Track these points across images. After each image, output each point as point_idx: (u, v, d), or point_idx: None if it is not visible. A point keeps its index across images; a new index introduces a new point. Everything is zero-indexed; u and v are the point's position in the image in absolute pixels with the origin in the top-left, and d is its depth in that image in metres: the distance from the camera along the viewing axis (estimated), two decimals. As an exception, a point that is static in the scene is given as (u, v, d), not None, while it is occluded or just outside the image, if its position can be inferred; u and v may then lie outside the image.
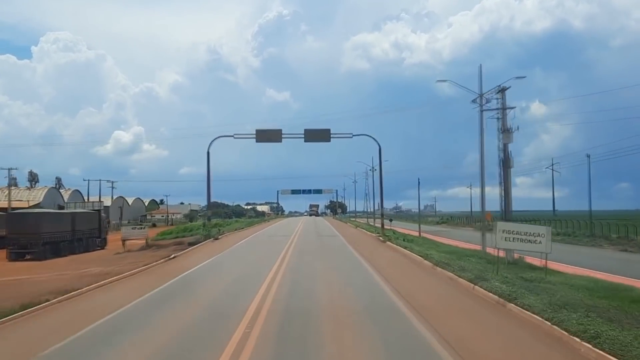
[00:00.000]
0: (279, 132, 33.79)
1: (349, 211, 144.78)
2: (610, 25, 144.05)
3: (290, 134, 34.72)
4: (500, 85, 22.49)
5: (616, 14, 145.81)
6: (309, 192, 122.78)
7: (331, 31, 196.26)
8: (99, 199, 79.06)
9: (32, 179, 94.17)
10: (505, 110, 22.30)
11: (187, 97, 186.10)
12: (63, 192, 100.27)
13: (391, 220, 69.16)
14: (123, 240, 30.80)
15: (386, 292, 13.16)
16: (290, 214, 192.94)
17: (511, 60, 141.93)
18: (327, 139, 34.14)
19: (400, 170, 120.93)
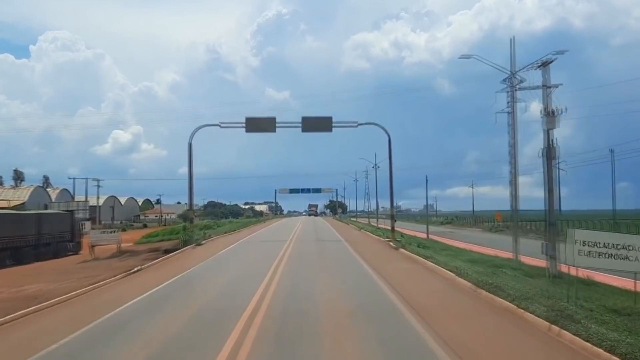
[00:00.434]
0: (272, 121, 29.15)
1: (349, 211, 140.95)
2: (610, 24, 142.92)
3: (285, 123, 30.07)
4: (542, 59, 18.29)
5: (616, 13, 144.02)
6: (307, 191, 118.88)
7: (331, 30, 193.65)
8: (85, 198, 74.89)
9: (18, 177, 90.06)
10: (548, 89, 18.11)
11: (186, 97, 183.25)
12: (51, 191, 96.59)
13: (395, 220, 65.26)
14: (91, 246, 26.62)
15: (427, 342, 8.13)
16: (289, 213, 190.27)
17: (510, 59, 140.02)
18: (329, 128, 29.37)
19: (399, 169, 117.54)
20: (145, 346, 8.29)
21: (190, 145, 28.29)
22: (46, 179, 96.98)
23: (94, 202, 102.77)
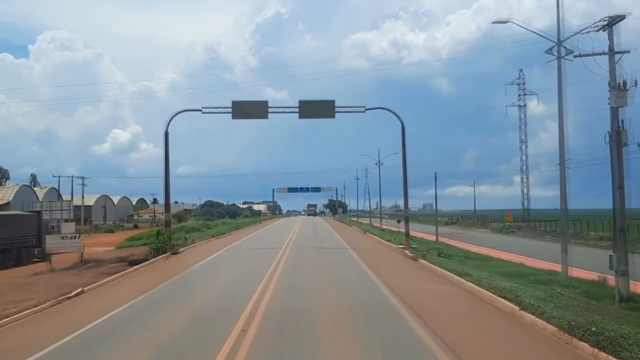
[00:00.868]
0: (263, 105, 24.69)
1: (349, 210, 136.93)
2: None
3: (279, 107, 25.57)
4: (607, 18, 14.10)
5: (615, 12, 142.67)
6: (306, 190, 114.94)
7: (330, 30, 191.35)
8: (71, 197, 70.68)
9: (2, 176, 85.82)
10: (615, 56, 13.98)
11: (185, 96, 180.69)
12: (38, 191, 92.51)
13: (399, 221, 60.96)
14: (48, 254, 22.53)
15: None
16: (288, 213, 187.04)
17: (509, 58, 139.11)
18: (330, 114, 24.91)
19: (399, 168, 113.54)
20: None
21: (166, 134, 23.76)
22: (34, 177, 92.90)
23: (85, 201, 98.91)
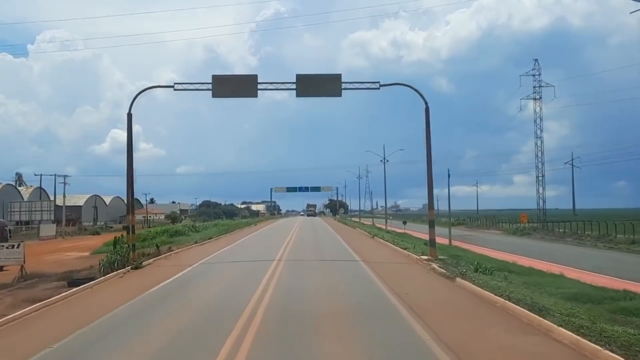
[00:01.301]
0: (251, 80, 19.36)
1: (350, 210, 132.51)
2: (609, 23, 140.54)
3: (272, 83, 19.82)
4: None
5: (614, 12, 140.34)
6: (306, 189, 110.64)
7: (329, 29, 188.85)
8: (54, 197, 66.08)
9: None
10: None
11: (184, 96, 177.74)
12: (24, 190, 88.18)
13: (405, 222, 56.54)
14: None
15: None
16: (287, 213, 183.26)
17: (509, 58, 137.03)
18: (337, 92, 19.66)
19: (398, 167, 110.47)
20: None
21: (129, 115, 18.68)
22: (19, 176, 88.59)
23: (75, 201, 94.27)
